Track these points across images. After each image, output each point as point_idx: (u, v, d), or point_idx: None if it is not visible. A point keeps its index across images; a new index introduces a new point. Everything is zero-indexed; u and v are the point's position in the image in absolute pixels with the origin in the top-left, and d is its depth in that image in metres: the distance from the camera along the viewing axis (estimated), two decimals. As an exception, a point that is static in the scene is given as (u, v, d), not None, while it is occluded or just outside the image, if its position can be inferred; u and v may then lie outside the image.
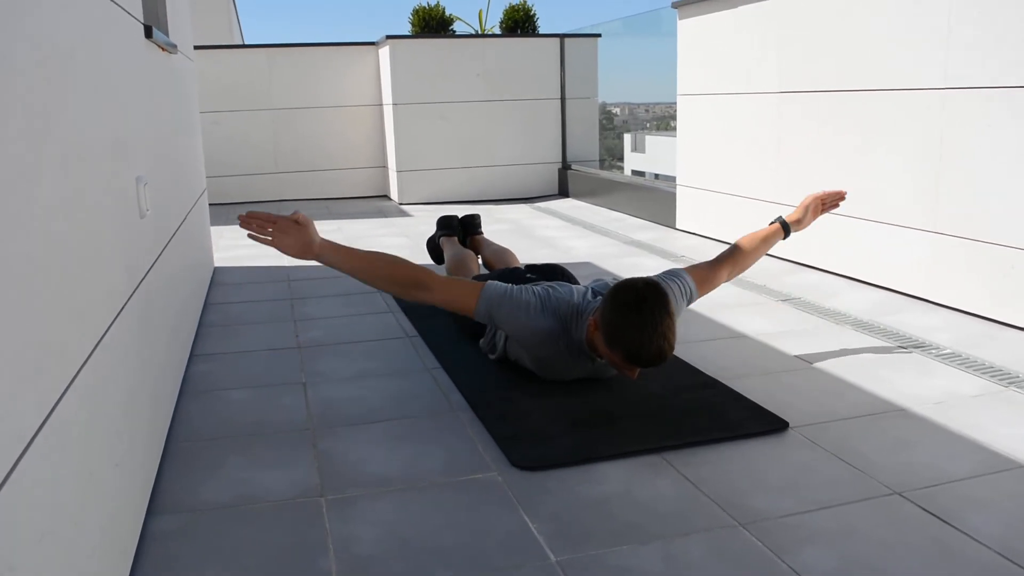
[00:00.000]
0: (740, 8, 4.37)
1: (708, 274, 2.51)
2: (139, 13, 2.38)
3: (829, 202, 2.78)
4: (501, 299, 2.30)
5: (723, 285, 2.62)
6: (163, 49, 2.83)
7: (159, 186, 2.44)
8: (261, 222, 2.11)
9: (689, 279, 2.44)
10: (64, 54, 1.41)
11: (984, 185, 3.04)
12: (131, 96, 2.10)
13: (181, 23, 3.62)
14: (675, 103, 5.16)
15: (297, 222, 2.13)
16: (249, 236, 2.11)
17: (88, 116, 1.56)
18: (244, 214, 2.10)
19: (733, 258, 2.58)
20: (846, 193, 2.79)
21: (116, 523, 1.46)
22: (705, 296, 2.54)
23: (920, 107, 3.28)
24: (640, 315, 2.08)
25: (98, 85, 1.69)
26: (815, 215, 2.75)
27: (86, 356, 1.35)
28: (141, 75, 2.30)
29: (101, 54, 1.76)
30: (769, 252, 4.24)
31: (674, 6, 4.95)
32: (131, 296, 1.80)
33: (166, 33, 3.01)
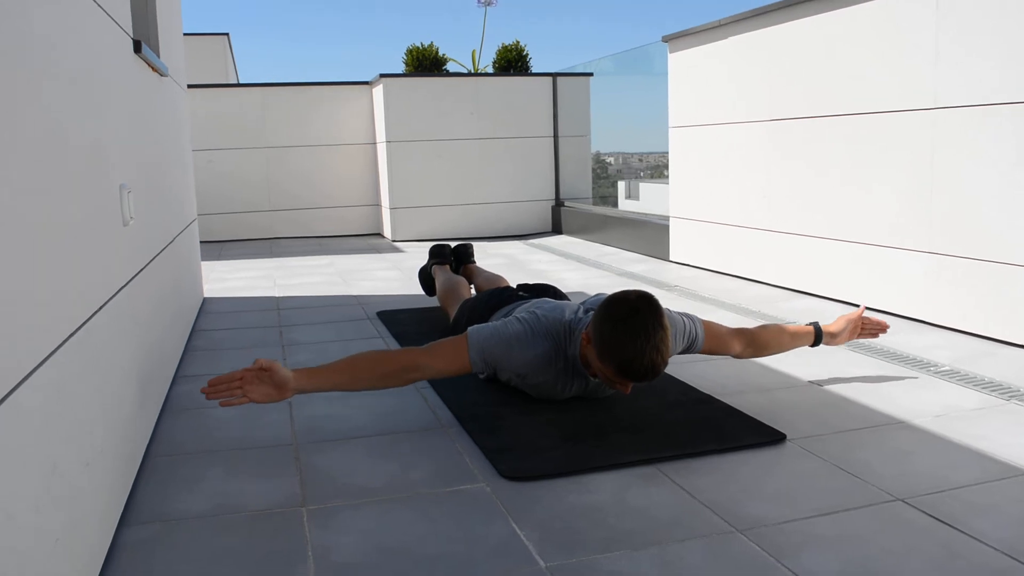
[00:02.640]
0: (730, 39, 4.40)
1: (721, 335, 2.42)
2: (128, 26, 2.37)
3: (868, 329, 2.64)
4: (489, 341, 2.22)
5: (727, 335, 2.45)
6: (153, 69, 2.82)
7: (146, 201, 2.40)
8: (226, 385, 1.91)
9: (700, 326, 2.37)
10: (43, 48, 1.38)
11: (977, 203, 3.02)
12: (116, 104, 2.07)
13: (174, 51, 3.62)
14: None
15: (263, 368, 1.94)
16: (221, 404, 1.91)
17: (65, 112, 1.52)
18: (205, 386, 1.90)
19: (754, 336, 2.48)
20: (888, 327, 2.66)
21: (84, 522, 1.39)
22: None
23: (911, 128, 3.28)
24: (633, 327, 2.02)
25: (79, 85, 1.66)
26: (851, 336, 2.61)
27: (51, 350, 1.30)
28: (127, 87, 2.28)
29: (84, 56, 1.73)
30: (762, 280, 4.22)
31: (664, 39, 4.99)
32: (110, 300, 1.76)
33: (156, 54, 3.00)
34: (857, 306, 3.55)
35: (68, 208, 1.48)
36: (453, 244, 3.93)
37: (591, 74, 7.20)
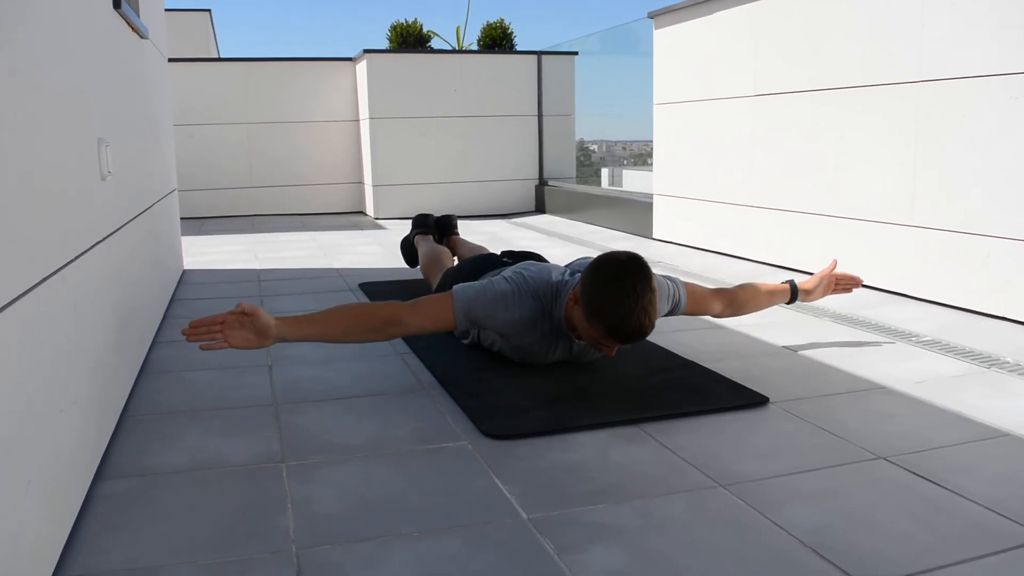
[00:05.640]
0: (715, 15, 4.39)
1: (703, 296, 2.41)
2: (106, -20, 2.32)
3: (842, 285, 2.64)
4: (475, 300, 2.19)
5: (708, 296, 2.45)
6: (132, 29, 2.77)
7: (124, 160, 2.36)
8: (207, 328, 1.88)
9: (683, 289, 2.36)
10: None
11: (959, 176, 3.03)
12: (95, 56, 2.02)
13: (154, 17, 3.56)
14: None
15: (244, 313, 1.90)
16: (201, 348, 1.88)
17: (45, 53, 1.49)
18: (186, 327, 1.88)
19: (733, 296, 2.48)
20: (862, 281, 2.68)
21: (59, 469, 1.36)
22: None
23: (895, 102, 3.28)
24: (622, 288, 2.00)
25: (60, 27, 1.62)
26: (825, 292, 2.61)
27: (26, 288, 1.26)
28: (106, 41, 2.24)
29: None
30: (745, 256, 4.22)
31: (650, 15, 4.97)
32: (86, 251, 1.72)
33: (137, 14, 2.94)
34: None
35: (45, 146, 1.44)
36: (436, 215, 3.90)
37: (576, 53, 7.17)
